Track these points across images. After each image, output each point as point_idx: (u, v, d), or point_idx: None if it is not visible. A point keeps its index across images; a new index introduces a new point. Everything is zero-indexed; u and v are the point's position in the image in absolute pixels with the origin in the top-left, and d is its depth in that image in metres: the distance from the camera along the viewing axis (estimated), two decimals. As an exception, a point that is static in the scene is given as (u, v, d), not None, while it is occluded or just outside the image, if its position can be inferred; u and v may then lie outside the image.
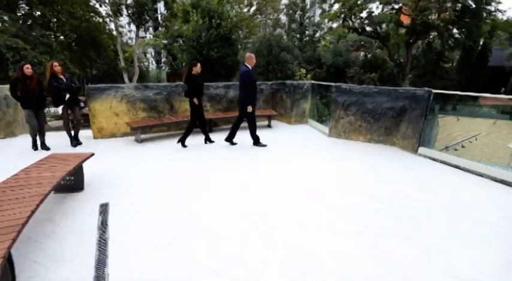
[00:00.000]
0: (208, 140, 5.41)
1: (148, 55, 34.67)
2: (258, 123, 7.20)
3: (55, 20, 14.63)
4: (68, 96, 4.85)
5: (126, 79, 15.93)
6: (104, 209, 2.92)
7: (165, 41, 25.50)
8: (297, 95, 6.90)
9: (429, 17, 17.34)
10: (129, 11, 14.58)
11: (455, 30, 18.98)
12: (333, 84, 5.66)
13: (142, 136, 5.89)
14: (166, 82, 33.93)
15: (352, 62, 18.59)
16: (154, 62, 34.79)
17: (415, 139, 4.67)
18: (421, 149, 4.60)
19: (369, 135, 5.37)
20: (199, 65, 4.86)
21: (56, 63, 4.79)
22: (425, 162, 4.36)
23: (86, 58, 19.66)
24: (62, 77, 4.81)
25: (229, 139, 5.25)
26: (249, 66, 4.69)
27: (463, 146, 4.43)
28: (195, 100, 4.91)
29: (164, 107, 6.16)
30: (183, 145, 5.15)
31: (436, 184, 3.58)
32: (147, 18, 15.60)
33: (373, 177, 3.75)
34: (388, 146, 5.14)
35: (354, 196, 3.18)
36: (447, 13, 17.02)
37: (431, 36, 20.28)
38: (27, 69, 4.48)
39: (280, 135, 6.03)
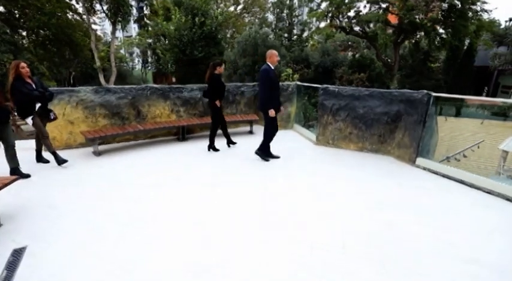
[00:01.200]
0: (230, 142, 5.12)
1: (134, 55, 33.23)
2: (238, 130, 6.56)
3: (23, 15, 13.40)
4: (38, 105, 3.92)
5: (102, 80, 14.90)
6: (14, 258, 2.18)
7: (150, 40, 24.44)
8: (280, 97, 6.25)
9: (416, 17, 17.17)
10: (105, 8, 13.57)
11: (441, 30, 18.95)
12: (320, 86, 5.07)
13: (104, 147, 5.14)
14: (153, 83, 32.81)
15: (341, 61, 18.22)
16: (140, 62, 33.40)
17: (412, 148, 4.13)
18: (419, 160, 4.06)
19: (361, 144, 4.80)
20: (223, 65, 4.65)
21: (23, 64, 3.78)
22: (425, 176, 3.81)
23: (62, 58, 18.42)
24: (29, 81, 3.82)
25: (262, 151, 4.50)
26: (271, 65, 4.12)
27: (465, 156, 3.98)
28: (218, 102, 4.62)
29: (129, 113, 5.40)
30: (215, 149, 4.93)
31: (439, 208, 2.99)
32: (125, 15, 14.62)
33: (363, 200, 3.12)
34: (382, 156, 4.59)
35: (339, 233, 2.50)
36: (434, 12, 16.91)
37: (418, 36, 20.21)
38: None
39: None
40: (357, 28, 19.78)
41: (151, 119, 5.61)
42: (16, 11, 12.92)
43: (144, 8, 15.83)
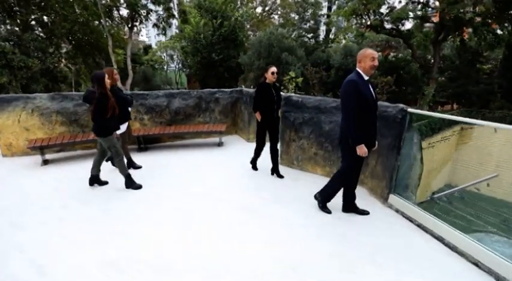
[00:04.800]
0: (276, 171, 3.93)
1: (174, 57, 34.34)
2: (207, 140, 5.86)
3: (53, 23, 14.59)
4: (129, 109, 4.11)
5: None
6: None
7: (183, 43, 25.19)
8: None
9: (461, 10, 14.70)
10: (121, 13, 14.19)
11: (496, 25, 16.01)
12: (284, 94, 4.21)
13: (60, 155, 4.98)
14: (187, 85, 33.72)
15: (366, 63, 16.48)
16: (177, 64, 34.42)
17: (384, 182, 3.09)
18: (392, 199, 3.01)
19: (328, 168, 3.83)
20: (270, 70, 3.59)
21: (115, 71, 3.84)
22: (394, 223, 2.75)
23: (94, 61, 19.80)
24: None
25: (323, 198, 3.04)
26: (362, 73, 2.53)
27: (462, 197, 2.68)
28: (257, 115, 3.70)
29: (88, 121, 5.14)
30: (254, 167, 4.16)
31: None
32: (143, 19, 15.09)
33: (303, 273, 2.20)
34: (353, 186, 3.57)
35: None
36: (485, 4, 14.31)
37: (464, 33, 17.43)
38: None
39: (218, 160, 4.67)
40: (388, 26, 17.78)
41: (112, 127, 5.30)
42: (46, 19, 14.10)
43: (162, 12, 16.19)
